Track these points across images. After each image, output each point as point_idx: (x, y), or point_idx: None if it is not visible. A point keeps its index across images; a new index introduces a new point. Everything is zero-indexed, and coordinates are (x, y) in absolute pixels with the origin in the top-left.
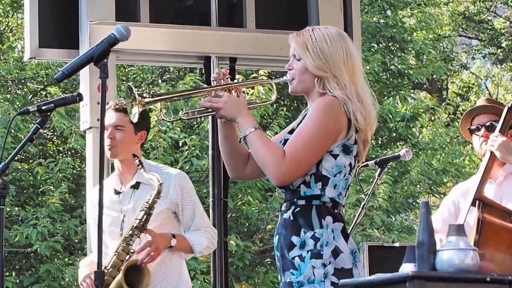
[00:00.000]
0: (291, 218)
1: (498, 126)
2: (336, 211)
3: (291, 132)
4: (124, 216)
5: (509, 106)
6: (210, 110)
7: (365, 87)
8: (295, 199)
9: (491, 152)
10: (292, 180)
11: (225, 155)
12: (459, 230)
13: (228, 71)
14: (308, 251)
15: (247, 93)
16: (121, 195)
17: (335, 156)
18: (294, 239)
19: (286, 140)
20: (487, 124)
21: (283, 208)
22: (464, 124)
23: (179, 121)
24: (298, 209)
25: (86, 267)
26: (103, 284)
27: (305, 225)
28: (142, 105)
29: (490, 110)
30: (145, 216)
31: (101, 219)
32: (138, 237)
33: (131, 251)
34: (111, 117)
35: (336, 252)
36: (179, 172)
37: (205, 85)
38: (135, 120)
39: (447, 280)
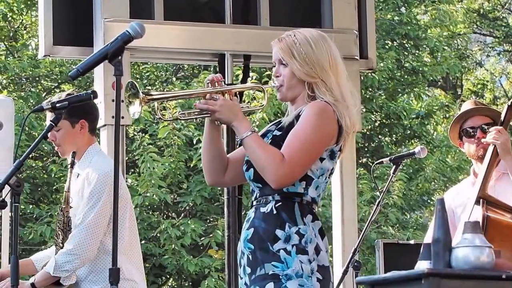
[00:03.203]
0: (274, 212)
1: (499, 123)
2: (314, 210)
3: (279, 128)
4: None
5: (509, 104)
6: (205, 112)
7: (348, 87)
8: (276, 194)
9: (494, 148)
10: (291, 182)
11: (208, 158)
12: (475, 227)
13: (222, 76)
14: (293, 246)
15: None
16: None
17: (322, 160)
18: (279, 232)
19: (275, 135)
20: (482, 126)
21: (257, 203)
22: (454, 128)
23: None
24: (280, 203)
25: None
26: (118, 281)
27: (289, 219)
28: (145, 102)
29: (482, 112)
30: (63, 218)
31: (116, 216)
32: (65, 236)
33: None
34: (48, 119)
35: (317, 250)
36: (95, 171)
37: (199, 88)
38: (135, 116)
39: (462, 277)
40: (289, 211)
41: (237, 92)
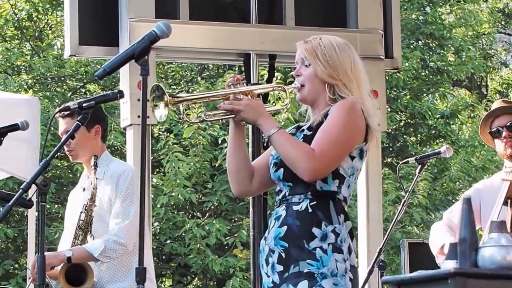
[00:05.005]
0: (310, 210)
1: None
2: (346, 210)
3: (309, 128)
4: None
5: None
6: (230, 112)
7: (370, 98)
8: (309, 193)
9: None
10: (322, 176)
11: (234, 167)
12: (501, 226)
13: (243, 76)
14: (329, 244)
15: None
16: (85, 192)
17: (352, 158)
18: (315, 230)
19: (305, 135)
20: (508, 124)
21: (287, 201)
22: (484, 129)
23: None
24: (315, 202)
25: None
26: (144, 280)
27: (325, 218)
28: (171, 105)
29: (507, 111)
30: (85, 217)
31: (143, 215)
32: (85, 237)
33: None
34: (60, 125)
35: (349, 250)
36: (127, 169)
37: (221, 89)
38: (162, 119)
39: (489, 277)
40: (325, 210)
41: (261, 93)
